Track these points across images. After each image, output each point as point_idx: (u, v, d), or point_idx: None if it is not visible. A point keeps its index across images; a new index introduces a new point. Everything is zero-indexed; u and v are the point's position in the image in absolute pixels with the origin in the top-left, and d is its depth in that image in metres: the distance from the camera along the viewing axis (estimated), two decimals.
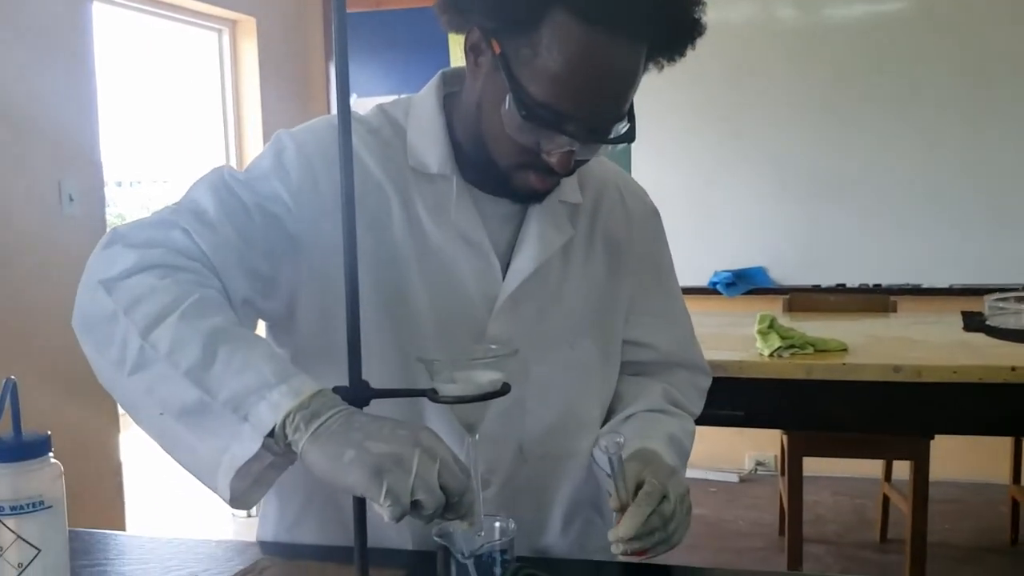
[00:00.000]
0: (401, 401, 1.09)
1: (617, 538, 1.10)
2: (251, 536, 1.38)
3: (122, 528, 3.58)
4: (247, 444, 0.98)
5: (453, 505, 0.93)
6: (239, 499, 1.03)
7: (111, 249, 1.10)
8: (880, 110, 4.49)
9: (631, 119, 1.13)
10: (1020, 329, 3.02)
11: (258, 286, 1.16)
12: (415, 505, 0.90)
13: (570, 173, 1.18)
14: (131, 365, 1.02)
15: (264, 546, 1.30)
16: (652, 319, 1.40)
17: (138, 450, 4.02)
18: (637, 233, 1.38)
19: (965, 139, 4.41)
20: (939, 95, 4.41)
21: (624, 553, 1.11)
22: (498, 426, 1.24)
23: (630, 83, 1.10)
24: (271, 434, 0.96)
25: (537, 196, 1.23)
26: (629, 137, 1.13)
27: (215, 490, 1.03)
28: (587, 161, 1.19)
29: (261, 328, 1.27)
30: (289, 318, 1.21)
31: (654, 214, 1.43)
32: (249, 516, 4.43)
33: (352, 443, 0.92)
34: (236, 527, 4.32)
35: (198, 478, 1.04)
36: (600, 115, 1.10)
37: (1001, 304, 3.15)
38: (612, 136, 1.12)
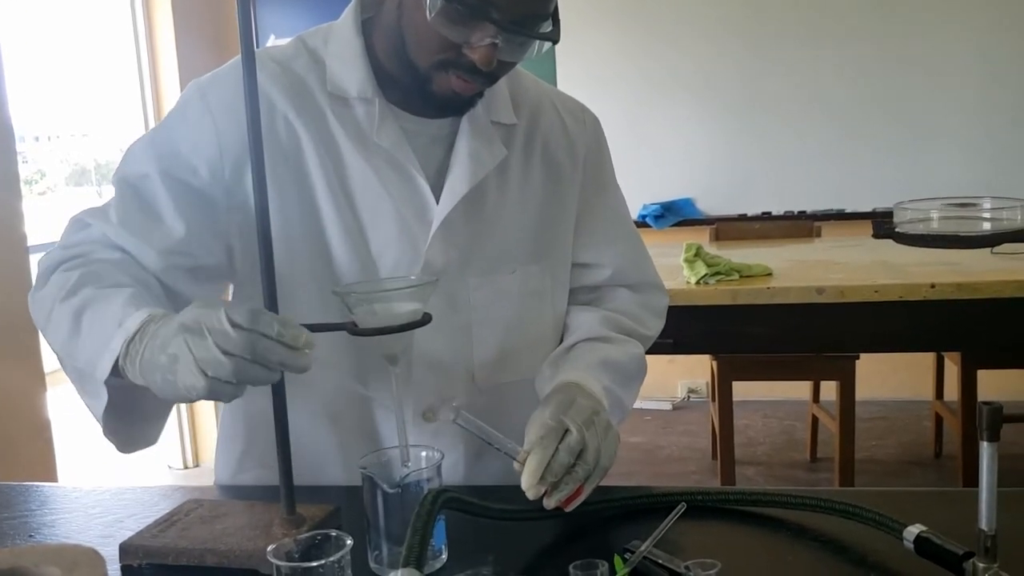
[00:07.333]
0: (337, 335, 1.07)
1: (527, 487, 1.03)
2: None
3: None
4: (101, 397, 1.03)
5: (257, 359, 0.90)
6: (127, 444, 1.15)
7: (39, 264, 1.18)
8: (800, 40, 4.52)
9: (556, 22, 1.10)
10: (927, 234, 3.08)
11: (183, 249, 1.16)
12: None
13: (493, 79, 1.14)
14: (60, 363, 1.10)
15: (209, 490, 1.30)
16: (599, 237, 1.36)
17: (70, 408, 3.95)
18: (579, 148, 1.33)
19: (883, 68, 4.46)
20: (856, 25, 4.46)
21: (559, 502, 1.03)
22: (446, 354, 1.23)
23: None
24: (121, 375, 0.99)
25: (459, 104, 1.18)
26: (554, 36, 1.09)
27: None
28: (511, 67, 1.16)
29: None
30: (230, 267, 1.22)
31: (595, 124, 1.38)
32: (186, 468, 4.41)
33: (156, 366, 0.93)
34: (173, 478, 4.29)
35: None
36: (525, 4, 1.05)
37: (910, 211, 3.22)
38: (537, 32, 1.08)
